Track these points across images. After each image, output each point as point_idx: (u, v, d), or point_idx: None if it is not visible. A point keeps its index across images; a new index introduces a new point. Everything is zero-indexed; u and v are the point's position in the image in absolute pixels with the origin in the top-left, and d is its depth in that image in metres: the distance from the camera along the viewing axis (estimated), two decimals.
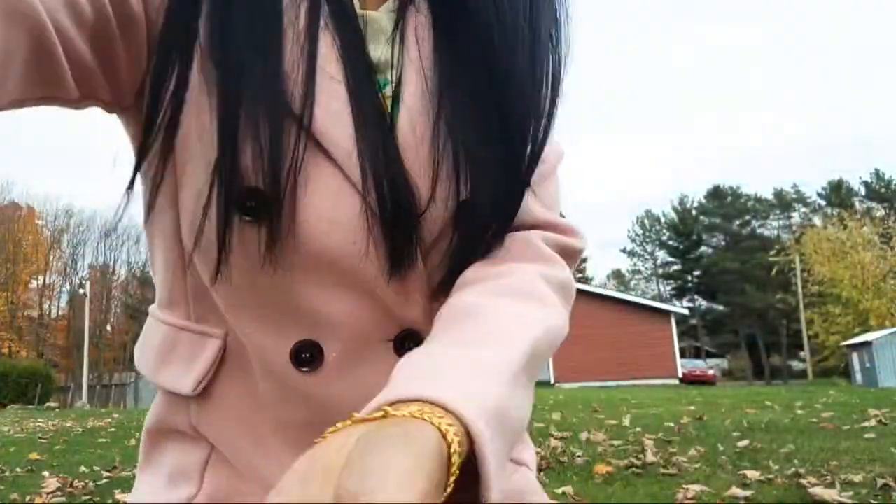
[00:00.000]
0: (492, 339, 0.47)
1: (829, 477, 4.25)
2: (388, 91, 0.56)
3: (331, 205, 0.51)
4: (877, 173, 52.82)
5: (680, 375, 26.66)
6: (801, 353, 43.60)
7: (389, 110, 0.55)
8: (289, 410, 0.57)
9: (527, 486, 0.65)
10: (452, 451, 0.34)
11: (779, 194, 54.97)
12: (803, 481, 4.11)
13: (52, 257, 40.33)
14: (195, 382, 0.58)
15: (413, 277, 0.55)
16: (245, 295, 0.55)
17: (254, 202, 0.50)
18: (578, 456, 5.35)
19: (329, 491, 0.29)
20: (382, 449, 0.31)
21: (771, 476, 4.37)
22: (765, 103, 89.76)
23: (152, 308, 0.64)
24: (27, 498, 4.02)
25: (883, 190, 51.84)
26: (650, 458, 5.12)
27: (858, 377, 23.87)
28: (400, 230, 0.53)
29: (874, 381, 21.17)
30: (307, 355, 0.55)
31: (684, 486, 4.07)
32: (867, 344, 22.62)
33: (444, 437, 0.34)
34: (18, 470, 5.13)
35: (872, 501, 3.45)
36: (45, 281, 39.70)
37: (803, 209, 54.66)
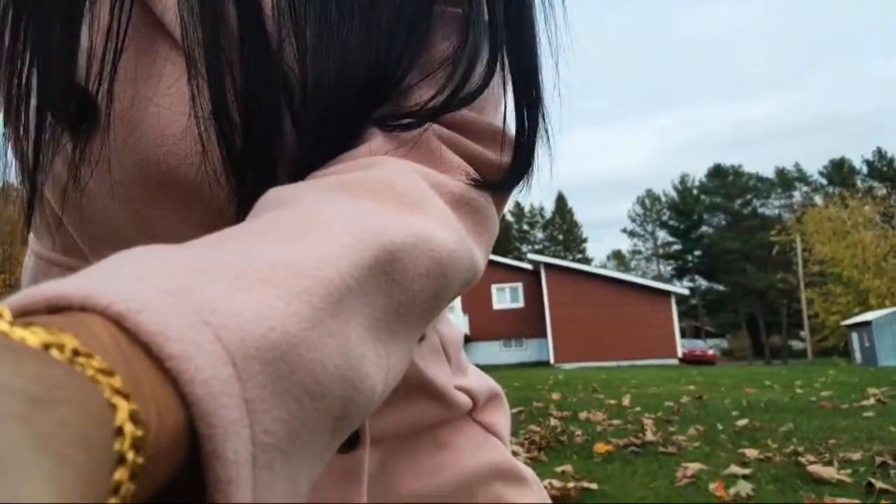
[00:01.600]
0: (301, 233, 0.27)
1: (827, 455, 4.27)
2: None
3: (164, 103, 0.39)
4: (879, 152, 52.62)
5: (680, 355, 26.77)
6: (801, 333, 43.77)
7: None
8: None
9: (501, 463, 0.53)
10: (125, 439, 0.17)
11: (780, 173, 54.81)
12: (802, 459, 4.13)
13: None
14: None
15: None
16: (88, 226, 0.44)
17: (61, 100, 0.40)
18: (578, 435, 5.37)
19: None
20: None
21: (770, 454, 4.39)
22: (766, 81, 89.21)
23: (31, 235, 0.55)
24: None
25: (885, 169, 51.66)
26: (650, 437, 5.15)
27: (858, 356, 23.96)
28: (252, 143, 0.39)
29: (873, 361, 21.24)
30: None
31: (683, 464, 4.09)
32: (867, 323, 22.66)
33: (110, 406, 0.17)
34: None
35: (871, 479, 3.46)
36: None
37: (805, 188, 54.58)
